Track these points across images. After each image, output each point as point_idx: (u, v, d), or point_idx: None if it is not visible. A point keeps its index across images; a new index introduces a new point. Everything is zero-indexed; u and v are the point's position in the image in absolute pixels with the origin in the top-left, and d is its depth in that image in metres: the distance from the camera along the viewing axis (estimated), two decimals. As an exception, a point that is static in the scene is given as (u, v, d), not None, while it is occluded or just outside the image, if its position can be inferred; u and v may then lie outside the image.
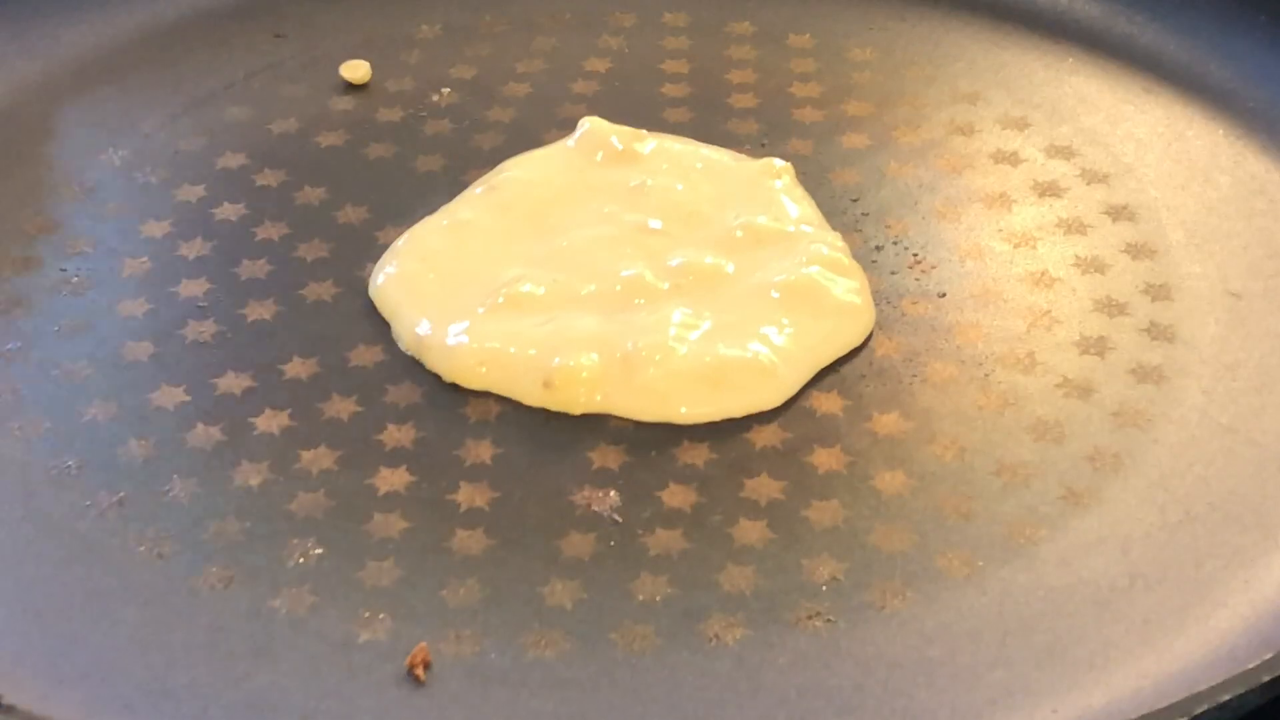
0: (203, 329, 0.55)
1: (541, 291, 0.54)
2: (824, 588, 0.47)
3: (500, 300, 0.54)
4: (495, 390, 0.52)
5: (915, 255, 0.58)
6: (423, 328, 0.54)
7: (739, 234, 0.56)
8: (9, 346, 0.55)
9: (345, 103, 0.66)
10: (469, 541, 0.48)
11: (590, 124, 0.62)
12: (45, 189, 0.62)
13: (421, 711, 0.44)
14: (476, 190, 0.59)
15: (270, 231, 0.59)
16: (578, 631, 0.46)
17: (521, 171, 0.60)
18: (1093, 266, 0.57)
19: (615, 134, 0.61)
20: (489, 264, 0.56)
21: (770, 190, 0.59)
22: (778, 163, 0.60)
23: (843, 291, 0.55)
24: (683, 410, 0.51)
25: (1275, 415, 0.52)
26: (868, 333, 0.54)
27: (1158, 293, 0.56)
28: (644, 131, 0.61)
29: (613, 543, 0.48)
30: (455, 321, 0.53)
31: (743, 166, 0.60)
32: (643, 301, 0.54)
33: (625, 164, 0.60)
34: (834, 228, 0.58)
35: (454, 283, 0.55)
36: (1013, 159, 0.62)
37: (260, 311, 0.56)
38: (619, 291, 0.54)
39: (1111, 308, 0.56)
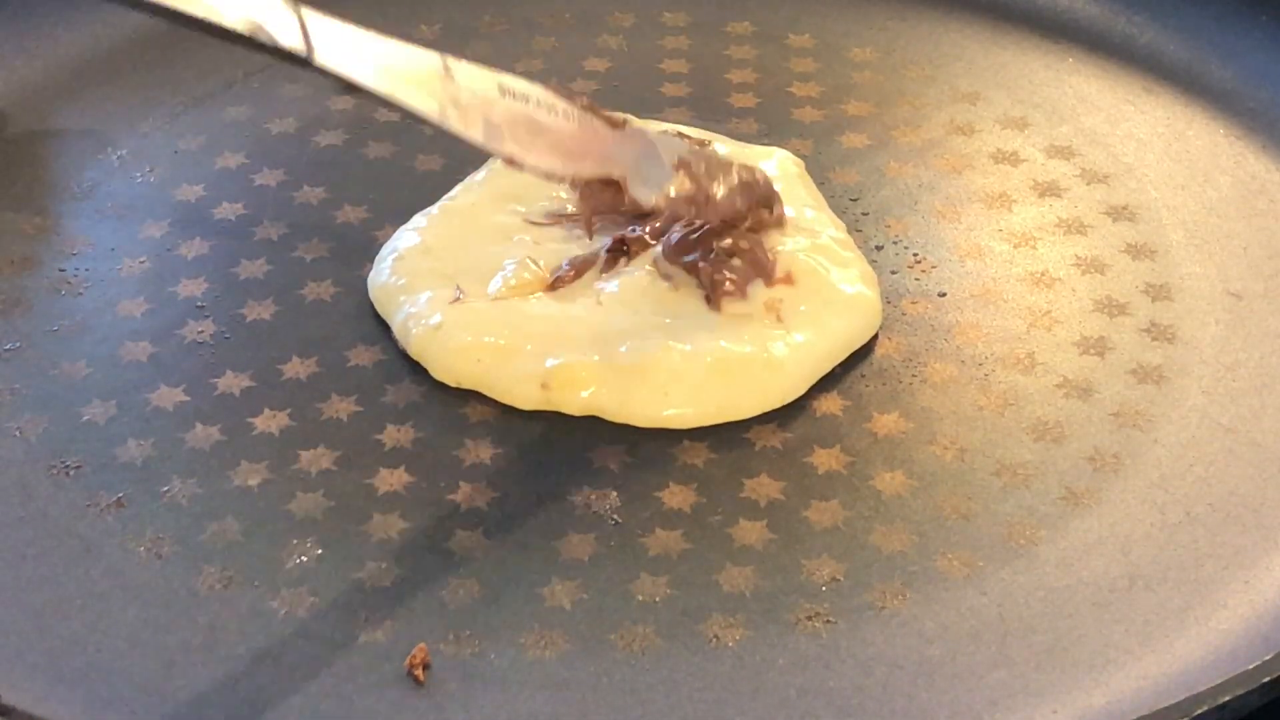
0: (201, 329, 0.55)
1: (539, 281, 0.54)
2: (824, 588, 0.47)
3: (500, 291, 0.54)
4: (491, 393, 0.52)
5: (915, 255, 0.58)
6: (421, 326, 0.54)
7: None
8: (8, 346, 0.55)
9: (344, 102, 0.66)
10: (468, 542, 0.48)
11: None
12: (44, 189, 0.62)
13: (421, 712, 0.44)
14: (478, 177, 0.59)
15: (269, 231, 0.59)
16: (577, 632, 0.46)
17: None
18: (1093, 267, 0.57)
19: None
20: (489, 255, 0.56)
21: (780, 179, 0.59)
22: (784, 153, 0.60)
23: (852, 284, 0.55)
24: (687, 413, 0.51)
25: (1275, 416, 0.52)
26: (876, 328, 0.54)
27: (1158, 293, 0.56)
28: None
29: (612, 543, 0.48)
30: (454, 319, 0.53)
31: (747, 153, 0.60)
32: (645, 293, 0.54)
33: None
34: (834, 228, 0.58)
35: (452, 277, 0.55)
36: (1013, 159, 0.62)
37: (259, 311, 0.56)
38: (620, 280, 0.54)
39: (1112, 308, 0.56)
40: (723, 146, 0.60)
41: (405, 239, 0.57)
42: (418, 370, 0.53)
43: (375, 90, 0.48)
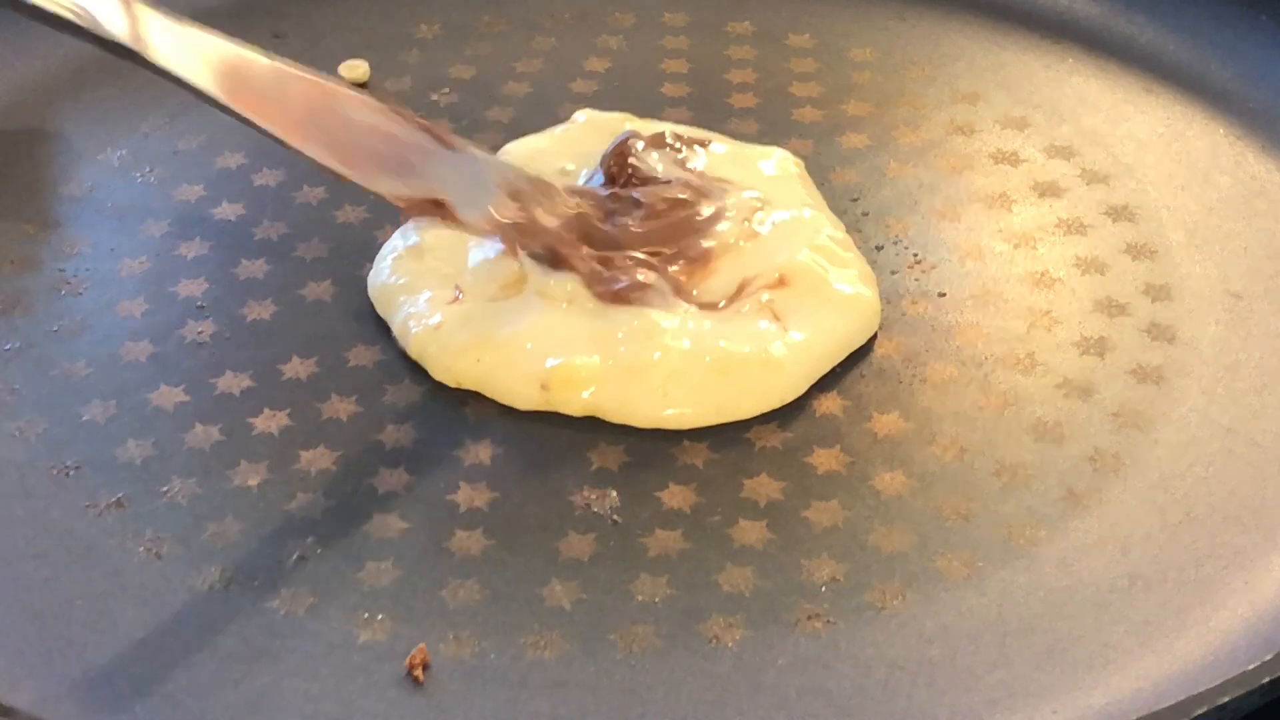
0: (201, 329, 0.55)
1: (542, 285, 0.54)
2: (823, 588, 0.47)
3: (498, 292, 0.54)
4: (491, 393, 0.52)
5: (915, 255, 0.58)
6: (420, 326, 0.54)
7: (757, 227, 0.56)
8: (7, 346, 0.55)
9: (344, 102, 0.66)
10: (468, 542, 0.48)
11: (588, 115, 0.62)
12: (44, 188, 0.62)
13: (420, 712, 0.44)
14: None
15: (269, 231, 0.59)
16: (577, 632, 0.46)
17: (520, 157, 0.60)
18: (1093, 267, 0.57)
19: (617, 120, 0.61)
20: (488, 254, 0.55)
21: (779, 179, 0.59)
22: (784, 153, 0.60)
23: (850, 284, 0.55)
24: (686, 413, 0.51)
25: (1275, 416, 0.52)
26: (875, 328, 0.54)
27: (1158, 293, 0.56)
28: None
29: (612, 543, 0.48)
30: (453, 319, 0.53)
31: (747, 153, 0.60)
32: (646, 292, 0.54)
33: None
34: (834, 228, 0.58)
35: (452, 277, 0.55)
36: (1013, 159, 0.62)
37: (259, 311, 0.56)
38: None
39: (1112, 308, 0.56)
40: (722, 146, 0.60)
41: (405, 239, 0.57)
42: (417, 370, 0.53)
43: (208, 94, 0.47)
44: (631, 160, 0.57)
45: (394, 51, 0.69)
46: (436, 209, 0.51)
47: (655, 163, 0.58)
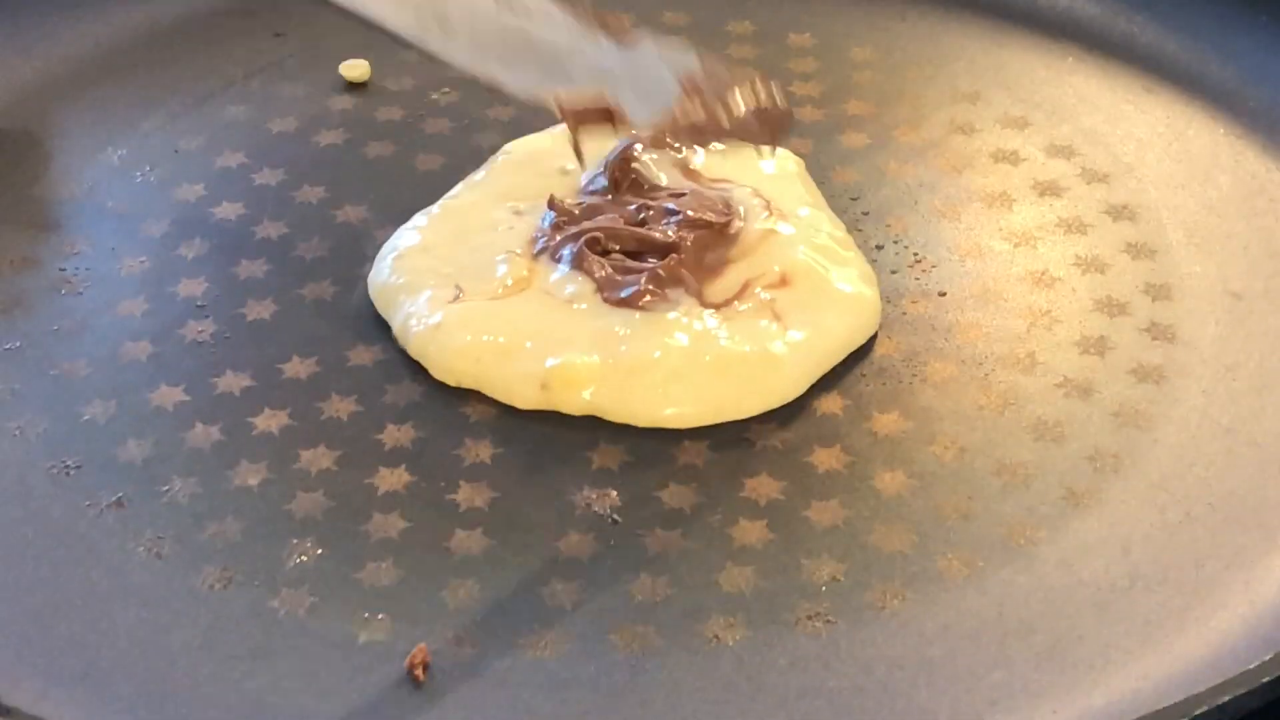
0: (202, 328, 0.55)
1: (546, 284, 0.54)
2: (824, 588, 0.47)
3: (499, 291, 0.54)
4: (491, 393, 0.52)
5: (915, 254, 0.58)
6: (421, 326, 0.53)
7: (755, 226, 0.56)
8: (8, 346, 0.55)
9: (344, 102, 0.66)
10: (468, 542, 0.48)
11: None
12: (44, 188, 0.62)
13: (420, 712, 0.44)
14: (478, 176, 0.59)
15: (269, 231, 0.59)
16: (577, 632, 0.46)
17: (522, 156, 0.60)
18: (1093, 266, 0.57)
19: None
20: (489, 253, 0.56)
21: (779, 178, 0.59)
22: (784, 152, 0.60)
23: (851, 283, 0.55)
24: (687, 412, 0.51)
25: (1275, 416, 0.52)
26: (876, 327, 0.54)
27: (1158, 292, 0.56)
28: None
29: (612, 543, 0.48)
30: (453, 319, 0.53)
31: (746, 152, 0.60)
32: (652, 299, 0.54)
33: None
34: (834, 227, 0.58)
35: (453, 276, 0.55)
36: (1013, 158, 0.62)
37: (259, 311, 0.56)
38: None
39: (1112, 307, 0.56)
40: (721, 145, 0.60)
41: (405, 238, 0.57)
42: (418, 370, 0.53)
43: (345, 2, 0.46)
44: (635, 166, 0.57)
45: (394, 51, 0.68)
46: (606, 119, 0.48)
47: (657, 169, 0.58)
